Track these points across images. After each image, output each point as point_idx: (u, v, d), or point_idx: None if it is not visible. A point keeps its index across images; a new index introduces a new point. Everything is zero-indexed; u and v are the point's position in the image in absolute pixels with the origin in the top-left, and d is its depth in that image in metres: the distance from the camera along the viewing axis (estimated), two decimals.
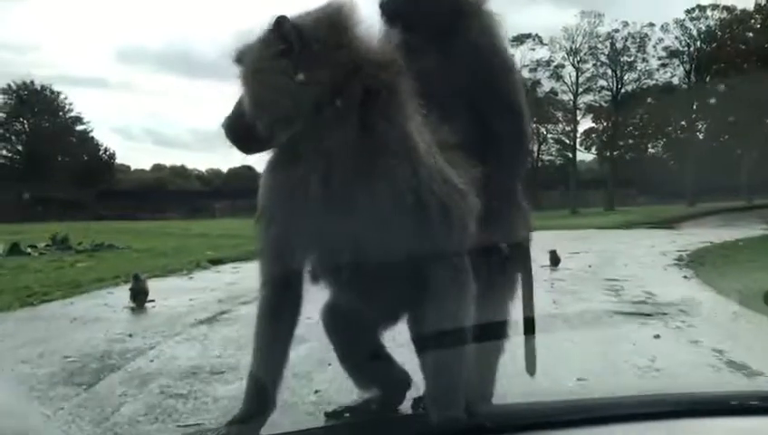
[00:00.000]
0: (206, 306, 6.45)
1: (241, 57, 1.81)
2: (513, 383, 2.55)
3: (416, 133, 1.82)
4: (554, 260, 9.11)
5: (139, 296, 6.44)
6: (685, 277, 8.51)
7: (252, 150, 1.90)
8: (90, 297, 7.31)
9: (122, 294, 6.78)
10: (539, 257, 9.67)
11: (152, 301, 6.58)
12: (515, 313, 2.31)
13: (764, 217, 18.96)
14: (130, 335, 5.01)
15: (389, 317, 2.30)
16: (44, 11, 71.35)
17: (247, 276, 8.80)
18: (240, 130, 1.82)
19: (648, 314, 5.57)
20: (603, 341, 4.66)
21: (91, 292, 7.67)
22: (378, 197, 1.75)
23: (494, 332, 2.20)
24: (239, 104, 1.83)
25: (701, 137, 47.18)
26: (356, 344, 2.40)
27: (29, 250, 13.57)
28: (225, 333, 5.03)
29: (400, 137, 1.78)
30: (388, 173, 1.75)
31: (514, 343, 2.38)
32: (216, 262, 11.13)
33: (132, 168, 59.65)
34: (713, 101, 44.75)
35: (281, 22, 1.74)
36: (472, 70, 2.20)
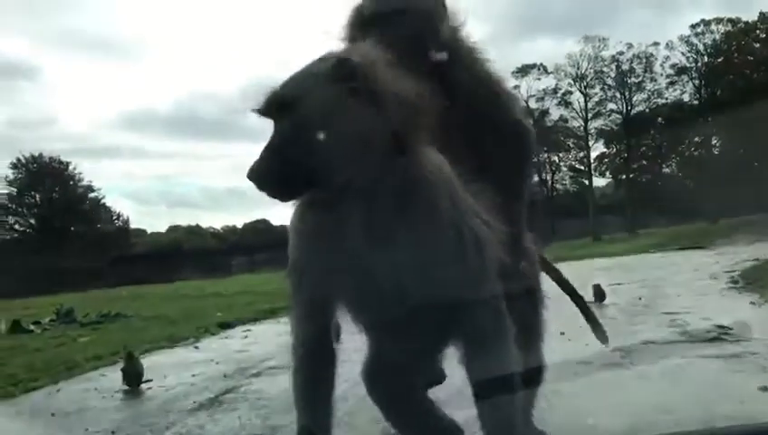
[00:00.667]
0: (208, 384, 5.59)
1: (295, 100, 1.68)
2: None
3: (449, 171, 1.84)
4: (599, 295, 8.14)
5: (132, 378, 5.61)
6: (752, 303, 7.54)
7: (288, 197, 1.80)
8: (81, 380, 6.50)
9: (117, 374, 5.96)
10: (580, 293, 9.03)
11: (149, 381, 5.77)
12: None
13: None
14: (113, 433, 4.15)
15: (431, 364, 2.27)
16: (54, 86, 72.02)
17: (258, 341, 8.12)
18: (276, 177, 1.69)
19: (736, 356, 4.61)
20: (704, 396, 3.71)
21: (84, 373, 6.86)
22: (424, 239, 1.73)
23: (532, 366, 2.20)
24: (274, 151, 1.69)
25: (716, 152, 46.19)
26: (401, 400, 2.36)
27: (32, 327, 12.84)
28: (226, 423, 4.16)
29: (442, 177, 1.80)
30: (433, 214, 1.75)
31: None
32: (226, 326, 10.32)
33: (148, 231, 59.54)
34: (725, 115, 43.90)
35: (347, 61, 1.70)
36: (468, 100, 2.18)
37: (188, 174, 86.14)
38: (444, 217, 1.75)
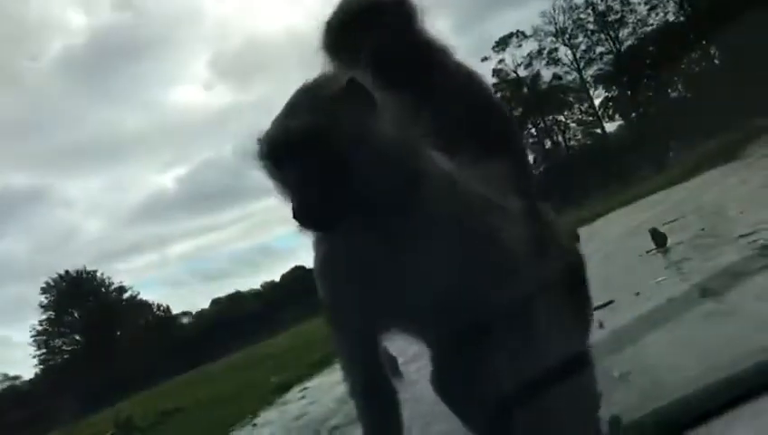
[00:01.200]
0: None
1: (316, 129, 1.58)
2: None
3: (456, 170, 1.82)
4: (659, 239, 7.27)
5: None
6: None
7: (336, 227, 1.67)
8: None
9: None
10: (637, 243, 8.26)
11: None
12: None
13: None
14: None
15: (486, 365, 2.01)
16: (65, 201, 73.14)
17: (316, 399, 7.53)
18: (324, 210, 1.61)
19: None
20: None
21: None
22: (451, 246, 1.71)
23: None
24: (311, 184, 1.60)
25: (717, 62, 44.79)
26: (475, 402, 2.20)
27: None
28: None
29: (453, 179, 1.79)
30: (455, 219, 1.73)
31: None
32: (282, 389, 9.69)
33: (193, 311, 59.46)
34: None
35: (355, 81, 1.67)
36: (456, 105, 2.16)
37: (212, 246, 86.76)
38: (464, 221, 1.72)
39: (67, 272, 48.17)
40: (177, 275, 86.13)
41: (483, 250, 1.73)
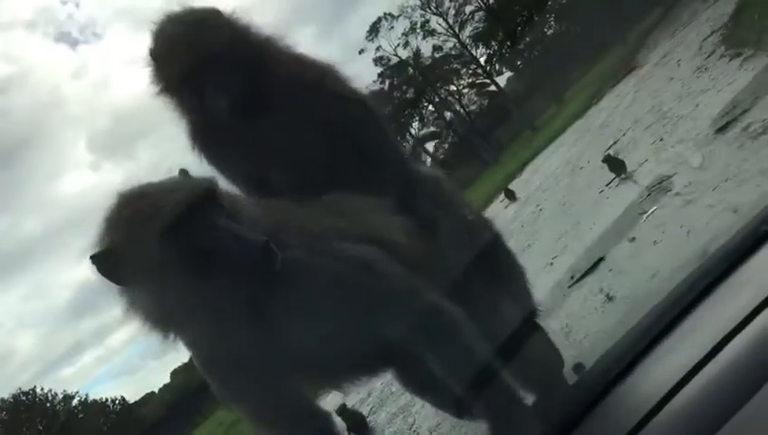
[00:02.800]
0: None
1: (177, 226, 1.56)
2: None
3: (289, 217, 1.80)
4: (617, 167, 6.24)
5: None
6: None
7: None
8: None
9: None
10: (588, 180, 7.36)
11: None
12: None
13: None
14: None
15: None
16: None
17: None
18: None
19: None
20: None
21: None
22: (329, 294, 1.69)
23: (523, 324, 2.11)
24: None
25: None
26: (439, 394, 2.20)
27: None
28: None
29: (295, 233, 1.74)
30: (319, 268, 1.70)
31: None
32: None
33: (156, 390, 56.42)
34: None
35: (208, 180, 1.73)
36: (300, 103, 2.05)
37: None
38: (327, 267, 1.68)
39: (1, 400, 44.46)
40: (128, 361, 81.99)
41: (360, 288, 1.70)
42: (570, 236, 5.64)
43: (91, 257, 1.62)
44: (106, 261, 1.60)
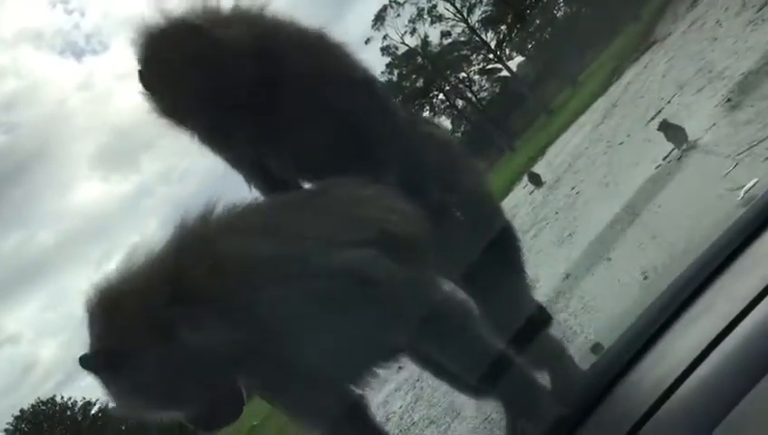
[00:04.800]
0: None
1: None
2: None
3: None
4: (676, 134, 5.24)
5: None
6: None
7: None
8: None
9: None
10: (626, 157, 6.49)
11: None
12: None
13: None
14: None
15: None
16: None
17: None
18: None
19: None
20: None
21: None
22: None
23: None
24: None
25: None
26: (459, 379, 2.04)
27: None
28: None
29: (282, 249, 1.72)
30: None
31: None
32: None
33: None
34: None
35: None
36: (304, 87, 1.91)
37: None
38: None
39: (21, 411, 44.14)
40: None
41: (359, 303, 1.65)
42: (625, 221, 4.61)
43: (81, 359, 1.62)
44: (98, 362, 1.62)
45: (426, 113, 49.79)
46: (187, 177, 71.56)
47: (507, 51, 48.14)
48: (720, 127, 4.75)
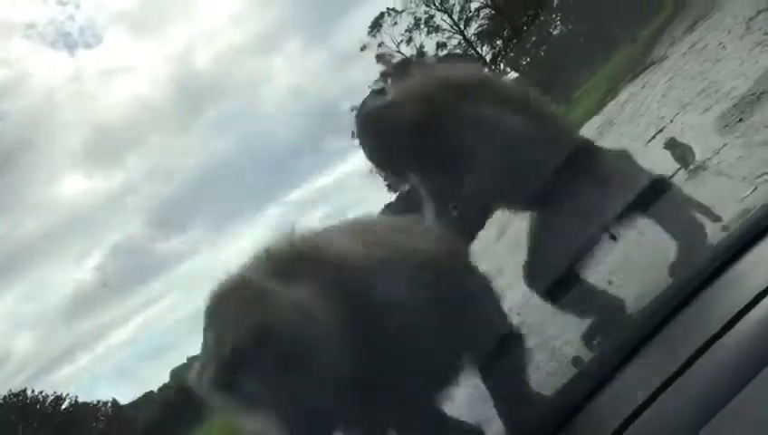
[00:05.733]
0: None
1: None
2: None
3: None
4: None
5: None
6: None
7: None
8: None
9: None
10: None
11: None
12: None
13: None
14: None
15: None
16: None
17: None
18: None
19: None
20: None
21: None
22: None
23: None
24: None
25: None
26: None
27: None
28: None
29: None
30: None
31: None
32: None
33: (155, 390, 55.75)
34: None
35: None
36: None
37: (152, 322, 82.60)
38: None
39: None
40: (122, 363, 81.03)
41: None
42: (629, 241, 4.37)
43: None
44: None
45: None
46: (173, 176, 71.13)
47: (502, 66, 48.21)
48: (733, 148, 4.53)
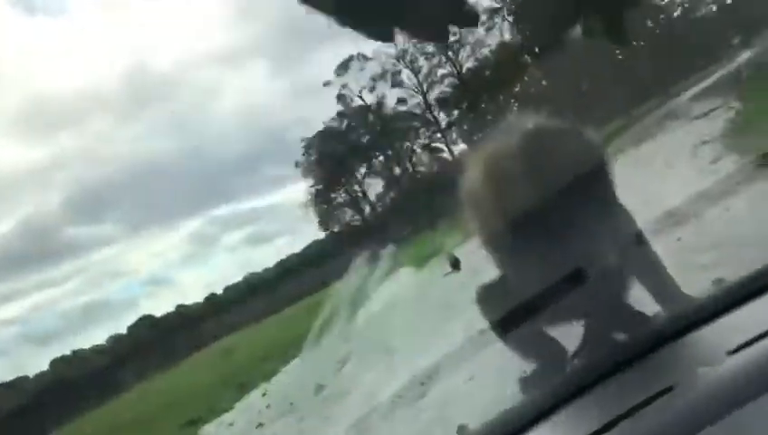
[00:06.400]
0: None
1: None
2: None
3: None
4: None
5: None
6: None
7: None
8: None
9: None
10: None
11: None
12: None
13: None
14: None
15: None
16: None
17: None
18: None
19: None
20: None
21: None
22: None
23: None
24: None
25: (544, 83, 45.76)
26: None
27: None
28: None
29: None
30: None
31: None
32: None
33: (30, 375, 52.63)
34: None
35: None
36: None
37: (44, 305, 78.45)
38: None
39: None
40: (3, 340, 76.22)
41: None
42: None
43: None
44: None
45: (362, 170, 49.82)
46: (104, 164, 68.39)
47: (454, 135, 49.21)
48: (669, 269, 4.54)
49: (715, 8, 41.38)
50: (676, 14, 46.25)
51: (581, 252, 1.92)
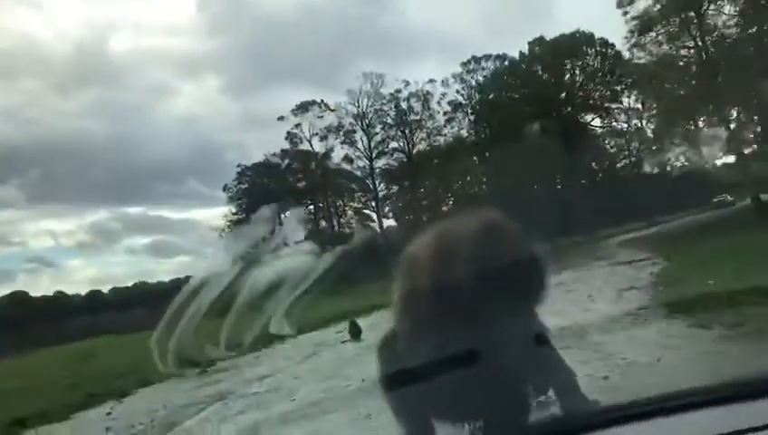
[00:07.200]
0: None
1: None
2: None
3: None
4: None
5: None
6: None
7: None
8: None
9: None
10: None
11: None
12: None
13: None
14: None
15: None
16: None
17: None
18: None
19: None
20: None
21: None
22: None
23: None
24: None
25: (485, 185, 46.81)
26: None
27: None
28: None
29: None
30: None
31: None
32: None
33: None
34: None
35: None
36: None
37: None
38: None
39: None
40: None
41: None
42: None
43: None
44: None
45: (292, 214, 48.94)
46: (23, 129, 64.36)
47: (386, 209, 49.26)
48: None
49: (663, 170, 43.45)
50: (619, 165, 48.67)
51: (485, 338, 1.86)
